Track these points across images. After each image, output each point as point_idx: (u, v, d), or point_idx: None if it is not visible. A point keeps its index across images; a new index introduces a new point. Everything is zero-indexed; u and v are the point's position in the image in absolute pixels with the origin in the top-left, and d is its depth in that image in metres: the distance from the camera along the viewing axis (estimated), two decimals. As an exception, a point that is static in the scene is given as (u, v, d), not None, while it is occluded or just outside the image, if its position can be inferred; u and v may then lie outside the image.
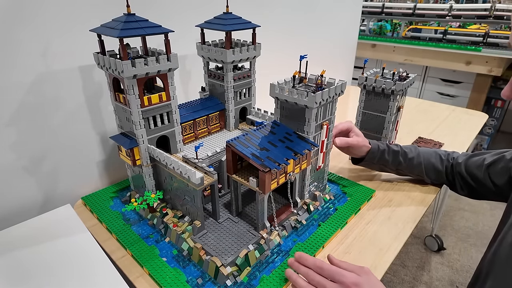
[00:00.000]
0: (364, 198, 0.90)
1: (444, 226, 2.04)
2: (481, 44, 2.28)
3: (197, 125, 0.90)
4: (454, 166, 0.90)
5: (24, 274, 0.63)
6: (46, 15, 0.73)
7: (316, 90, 0.70)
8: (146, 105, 0.72)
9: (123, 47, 0.64)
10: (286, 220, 0.79)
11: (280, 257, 0.71)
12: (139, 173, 0.81)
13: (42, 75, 0.77)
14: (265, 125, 0.78)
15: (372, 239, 0.77)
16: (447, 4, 2.48)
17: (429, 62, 2.52)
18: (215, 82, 0.93)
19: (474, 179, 0.86)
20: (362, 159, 0.96)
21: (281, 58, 1.31)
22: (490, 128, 2.66)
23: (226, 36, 0.83)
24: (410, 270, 1.73)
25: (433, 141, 1.23)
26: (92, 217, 0.85)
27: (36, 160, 0.82)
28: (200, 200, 0.70)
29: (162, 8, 0.94)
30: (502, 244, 0.61)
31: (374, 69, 1.02)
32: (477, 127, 1.38)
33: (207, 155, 0.81)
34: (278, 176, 0.69)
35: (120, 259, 0.72)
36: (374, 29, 2.86)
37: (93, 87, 0.87)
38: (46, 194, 0.87)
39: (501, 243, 0.61)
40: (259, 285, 0.64)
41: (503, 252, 0.60)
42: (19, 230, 0.74)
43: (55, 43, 0.77)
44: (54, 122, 0.82)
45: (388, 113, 0.98)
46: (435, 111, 1.57)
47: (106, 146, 0.95)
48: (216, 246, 0.70)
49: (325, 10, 1.57)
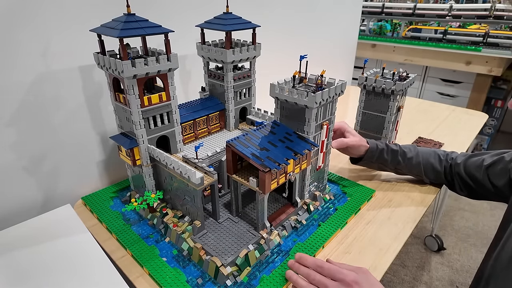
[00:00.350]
0: (364, 198, 0.90)
1: (444, 226, 2.04)
2: (481, 44, 2.28)
3: (197, 125, 0.90)
4: (453, 166, 0.90)
5: (24, 274, 0.63)
6: (46, 15, 0.73)
7: (316, 90, 0.70)
8: (146, 105, 0.72)
9: (123, 47, 0.64)
10: (286, 220, 0.79)
11: (280, 257, 0.71)
12: (139, 173, 0.81)
13: (42, 75, 0.77)
14: (265, 125, 0.78)
15: (372, 239, 0.77)
16: (447, 4, 2.48)
17: (429, 62, 2.52)
18: (215, 82, 0.93)
19: (473, 179, 0.86)
20: (361, 158, 0.96)
21: (281, 58, 1.31)
22: (490, 128, 2.66)
23: (226, 36, 0.83)
24: (410, 270, 1.73)
25: (433, 141, 1.23)
26: (92, 217, 0.85)
27: (36, 160, 0.82)
28: (200, 200, 0.70)
29: (162, 8, 0.94)
30: (504, 248, 0.60)
31: (374, 69, 1.02)
32: (477, 127, 1.38)
33: (207, 155, 0.81)
34: (278, 176, 0.69)
35: (120, 259, 0.72)
36: (374, 29, 2.86)
37: (93, 87, 0.87)
38: (46, 194, 0.87)
39: (503, 247, 0.61)
40: (259, 285, 0.64)
41: (505, 257, 0.59)
42: (19, 230, 0.74)
43: (55, 43, 0.77)
44: (54, 122, 0.82)
45: (388, 113, 0.98)
46: (435, 111, 1.56)
47: (106, 146, 0.95)
48: (216, 246, 0.70)
49: (325, 10, 1.57)
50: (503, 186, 0.79)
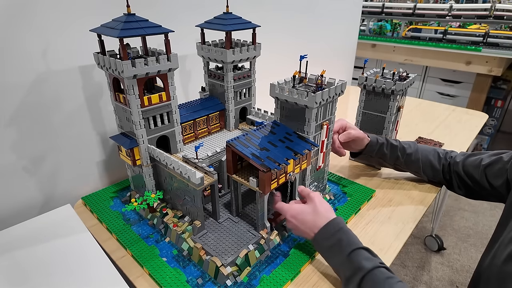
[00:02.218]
0: (364, 198, 0.90)
1: (444, 226, 2.04)
2: (481, 44, 2.28)
3: (197, 125, 0.90)
4: (452, 165, 0.90)
5: (24, 274, 0.63)
6: (46, 15, 0.73)
7: (316, 90, 0.70)
8: (146, 105, 0.72)
9: (123, 47, 0.64)
10: (286, 220, 0.79)
11: (280, 257, 0.71)
12: (139, 173, 0.81)
13: (42, 75, 0.77)
14: (265, 125, 0.78)
15: (372, 239, 0.77)
16: (447, 4, 2.48)
17: (429, 62, 2.52)
18: (215, 82, 0.93)
19: (471, 179, 0.85)
20: (361, 153, 0.96)
21: (281, 58, 1.31)
22: (490, 128, 2.66)
23: (226, 36, 0.83)
24: (410, 270, 1.73)
25: (433, 141, 1.23)
26: (92, 217, 0.85)
27: (36, 160, 0.82)
28: (200, 200, 0.70)
29: (162, 8, 0.94)
30: (500, 249, 0.60)
31: (374, 69, 1.02)
32: (477, 127, 1.38)
33: (207, 155, 0.81)
34: (278, 176, 0.69)
35: (120, 259, 0.72)
36: (374, 29, 2.86)
37: (93, 87, 0.87)
38: (46, 194, 0.87)
39: (499, 248, 0.61)
40: (259, 285, 0.64)
41: (501, 257, 0.59)
42: (19, 230, 0.74)
43: (55, 43, 0.77)
44: (54, 122, 0.82)
45: (388, 113, 0.98)
46: (435, 111, 1.56)
47: (106, 146, 0.95)
48: (216, 246, 0.70)
49: (325, 10, 1.57)
50: (500, 186, 0.79)
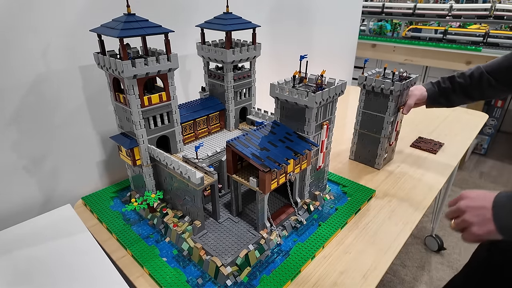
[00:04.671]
0: (364, 198, 0.90)
1: (444, 226, 2.04)
2: (481, 44, 2.28)
3: (197, 125, 0.90)
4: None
5: (24, 274, 0.63)
6: (46, 15, 0.73)
7: (316, 90, 0.70)
8: (146, 105, 0.72)
9: (123, 47, 0.64)
10: (286, 220, 0.79)
11: (280, 257, 0.71)
12: (139, 173, 0.81)
13: (42, 75, 0.77)
14: (265, 125, 0.78)
15: (372, 239, 0.77)
16: (447, 4, 2.48)
17: (429, 62, 2.51)
18: (215, 82, 0.93)
19: None
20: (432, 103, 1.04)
21: (281, 58, 1.31)
22: (490, 128, 2.66)
23: (226, 36, 0.83)
24: (410, 270, 1.73)
25: (433, 141, 1.23)
26: (92, 217, 0.85)
27: (36, 160, 0.82)
28: (200, 200, 0.70)
29: (162, 8, 0.94)
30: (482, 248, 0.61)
31: (376, 69, 1.02)
32: (477, 127, 1.38)
33: (207, 155, 0.81)
34: (278, 176, 0.69)
35: (120, 259, 0.72)
36: (374, 29, 2.86)
37: (93, 87, 0.87)
38: (46, 194, 0.87)
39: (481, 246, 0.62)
40: (259, 285, 0.64)
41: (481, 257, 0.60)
42: (19, 230, 0.74)
43: (55, 43, 0.77)
44: (54, 122, 0.82)
45: (387, 113, 0.98)
46: (435, 111, 1.56)
47: (106, 146, 0.95)
48: (216, 246, 0.70)
49: (325, 10, 1.57)
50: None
